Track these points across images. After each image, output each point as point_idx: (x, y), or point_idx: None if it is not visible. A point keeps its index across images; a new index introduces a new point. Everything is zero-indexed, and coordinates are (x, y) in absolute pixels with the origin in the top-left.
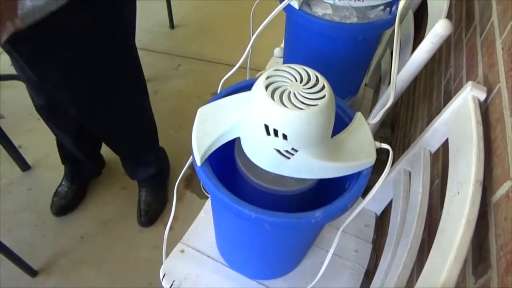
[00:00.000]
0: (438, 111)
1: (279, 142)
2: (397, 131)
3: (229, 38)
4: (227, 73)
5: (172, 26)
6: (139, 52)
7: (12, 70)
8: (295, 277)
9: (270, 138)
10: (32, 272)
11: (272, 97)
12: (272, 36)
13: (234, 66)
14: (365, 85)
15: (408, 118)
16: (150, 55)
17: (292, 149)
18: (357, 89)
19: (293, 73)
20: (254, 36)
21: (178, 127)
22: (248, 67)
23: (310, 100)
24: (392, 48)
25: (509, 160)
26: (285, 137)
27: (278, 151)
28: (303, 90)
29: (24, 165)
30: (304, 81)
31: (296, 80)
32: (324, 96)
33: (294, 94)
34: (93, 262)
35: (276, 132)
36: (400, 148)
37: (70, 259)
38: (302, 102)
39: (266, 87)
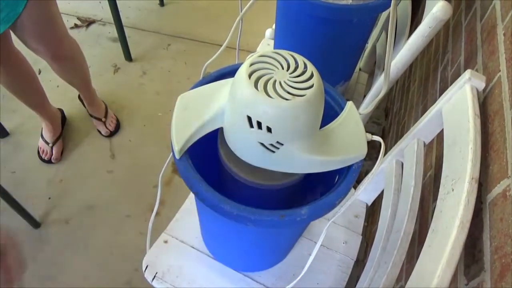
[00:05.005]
0: (433, 99)
1: (263, 135)
2: (391, 116)
3: (222, 16)
4: (219, 55)
5: (162, 3)
6: (127, 30)
7: None
8: (282, 269)
9: (253, 131)
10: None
11: (256, 86)
12: (266, 16)
13: (226, 47)
14: (359, 69)
15: (403, 104)
16: (139, 33)
17: (277, 142)
18: (351, 74)
19: (279, 59)
20: (241, 14)
21: (167, 110)
22: (237, 48)
23: (297, 90)
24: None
25: (508, 156)
26: (269, 130)
27: (262, 144)
28: (289, 79)
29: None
30: (291, 68)
31: (283, 68)
32: (312, 86)
33: (280, 83)
34: (78, 247)
35: (259, 125)
36: (394, 135)
37: (54, 244)
38: (288, 92)
39: (250, 75)
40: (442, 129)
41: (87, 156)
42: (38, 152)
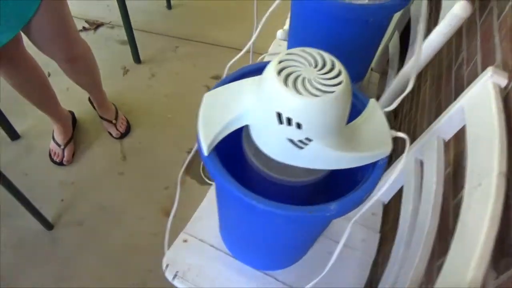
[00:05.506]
0: (448, 98)
1: (292, 132)
2: (401, 117)
3: (229, 18)
4: (226, 56)
5: (169, 6)
6: (135, 33)
7: None
8: (302, 267)
9: (282, 127)
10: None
11: (286, 83)
12: (274, 17)
13: (234, 48)
14: (371, 70)
15: (414, 104)
16: (147, 36)
17: (306, 138)
18: (364, 74)
19: (307, 57)
20: (265, 17)
21: (177, 111)
22: (251, 51)
23: (326, 87)
24: (400, 31)
25: None
26: (299, 126)
27: (291, 140)
28: (318, 76)
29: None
30: (319, 66)
31: (310, 65)
32: (341, 82)
33: (309, 80)
34: (91, 248)
35: (289, 121)
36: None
37: (68, 246)
38: (318, 89)
39: (279, 72)
40: (461, 127)
41: (99, 158)
42: (50, 155)
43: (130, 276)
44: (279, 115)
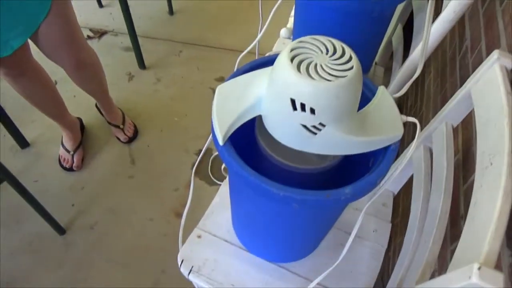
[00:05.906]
0: (453, 87)
1: (306, 117)
2: (406, 110)
3: (230, 22)
4: (229, 58)
5: (171, 12)
6: (140, 40)
7: None
8: (315, 259)
9: (296, 113)
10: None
11: (299, 69)
12: (275, 16)
13: (236, 50)
14: (375, 63)
15: (418, 97)
16: (151, 42)
17: (320, 124)
18: (370, 67)
19: (318, 44)
20: (270, 15)
21: (183, 114)
22: (256, 51)
23: (338, 72)
24: (403, 24)
25: None
26: (312, 111)
27: (305, 126)
28: (330, 62)
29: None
30: (330, 52)
31: (322, 52)
32: (352, 67)
33: (321, 66)
34: (104, 251)
35: (303, 107)
36: (411, 128)
37: (80, 249)
38: (330, 74)
39: (291, 60)
40: (469, 112)
41: (108, 162)
42: (59, 161)
43: (142, 277)
44: (293, 102)
